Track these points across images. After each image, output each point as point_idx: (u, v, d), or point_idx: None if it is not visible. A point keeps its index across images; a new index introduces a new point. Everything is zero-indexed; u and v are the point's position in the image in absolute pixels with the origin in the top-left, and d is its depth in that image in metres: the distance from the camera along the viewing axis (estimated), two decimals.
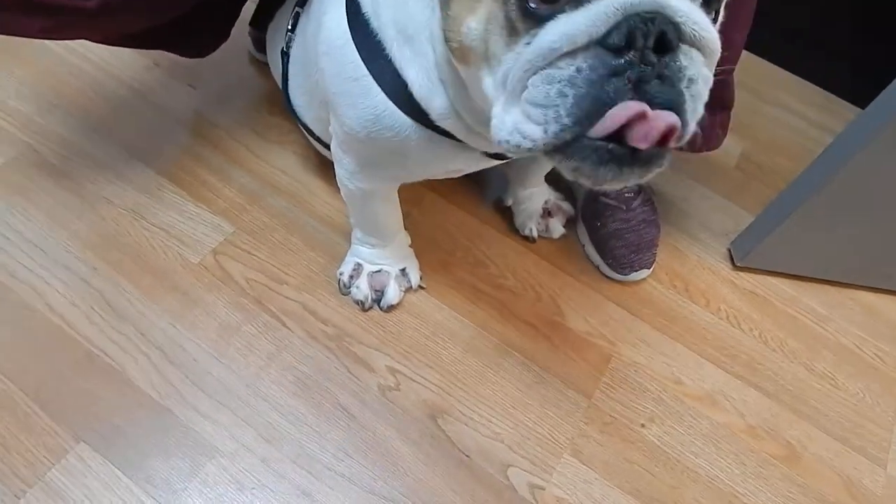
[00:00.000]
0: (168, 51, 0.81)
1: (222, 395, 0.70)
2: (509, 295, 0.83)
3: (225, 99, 0.96)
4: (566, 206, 0.90)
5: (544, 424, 0.73)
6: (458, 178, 0.92)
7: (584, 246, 0.88)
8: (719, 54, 0.39)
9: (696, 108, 0.38)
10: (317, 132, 0.75)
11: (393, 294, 0.78)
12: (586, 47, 0.36)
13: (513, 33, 0.38)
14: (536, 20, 0.37)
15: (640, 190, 0.86)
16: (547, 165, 0.82)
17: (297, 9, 0.69)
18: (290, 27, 0.70)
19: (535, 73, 0.37)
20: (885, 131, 0.70)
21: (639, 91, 0.35)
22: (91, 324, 0.73)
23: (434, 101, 0.50)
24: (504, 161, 0.60)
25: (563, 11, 0.36)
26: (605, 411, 0.75)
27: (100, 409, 0.68)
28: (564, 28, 0.36)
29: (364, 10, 0.50)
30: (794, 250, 0.88)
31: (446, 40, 0.43)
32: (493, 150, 0.54)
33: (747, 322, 0.86)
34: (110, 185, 0.84)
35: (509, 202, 0.88)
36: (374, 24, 0.50)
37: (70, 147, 0.87)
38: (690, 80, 0.37)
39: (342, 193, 0.71)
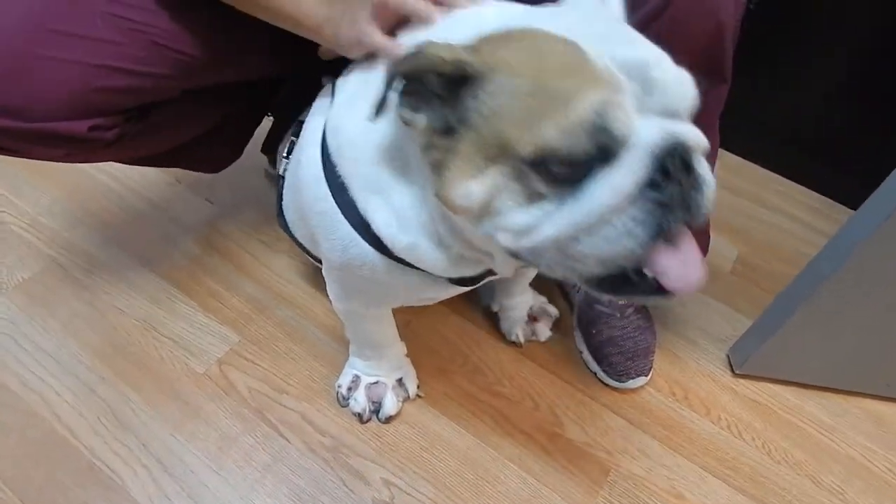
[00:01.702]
0: (184, 168, 0.88)
1: None
2: (507, 403, 0.84)
3: (238, 212, 1.02)
4: (551, 309, 0.92)
5: None
6: None
7: (581, 353, 0.89)
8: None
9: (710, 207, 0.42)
10: (308, 248, 0.79)
11: (390, 405, 0.79)
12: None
13: (534, 199, 0.41)
14: (566, 184, 0.39)
15: None
16: (531, 276, 0.85)
17: (292, 137, 0.75)
18: (285, 153, 0.76)
19: (583, 231, 0.40)
20: (879, 232, 0.71)
21: (683, 208, 0.40)
22: (95, 434, 0.75)
23: (399, 239, 0.53)
24: (472, 287, 0.63)
25: (594, 169, 0.39)
26: None
27: None
28: (612, 184, 0.38)
29: (331, 154, 0.55)
30: (794, 356, 0.88)
31: (437, 195, 0.46)
32: (466, 275, 0.57)
33: (749, 431, 0.85)
34: (124, 296, 0.88)
35: (496, 308, 0.91)
36: (339, 167, 0.54)
37: (91, 260, 0.92)
38: (707, 183, 0.41)
39: (337, 313, 0.74)
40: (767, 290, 1.03)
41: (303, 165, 0.59)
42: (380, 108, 0.45)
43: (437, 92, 0.43)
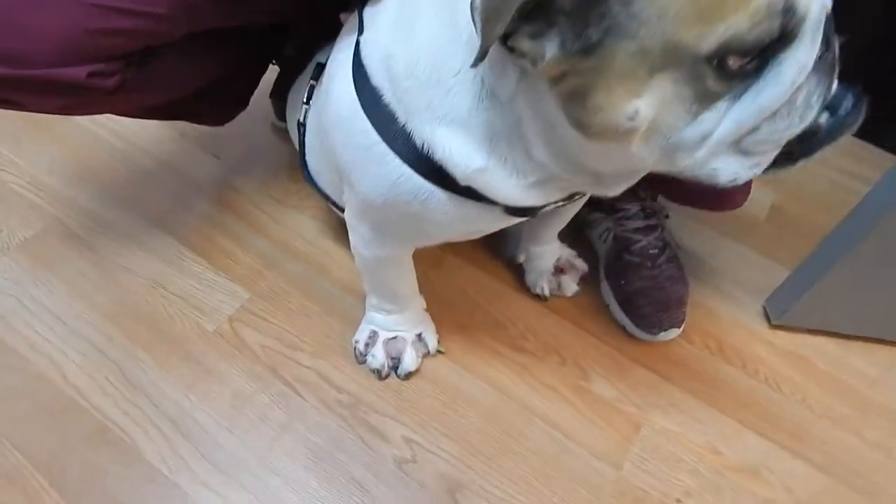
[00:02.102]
0: (188, 121, 0.84)
1: (233, 470, 0.68)
2: (531, 358, 0.80)
3: (247, 167, 0.98)
4: (580, 263, 0.87)
5: (571, 499, 0.68)
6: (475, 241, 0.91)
7: (608, 305, 0.85)
8: None
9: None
10: (333, 197, 0.75)
11: (410, 361, 0.76)
12: None
13: (707, 101, 0.38)
14: (740, 76, 0.37)
15: (664, 246, 0.83)
16: (562, 223, 0.80)
17: (311, 81, 0.71)
18: (305, 99, 0.71)
19: (766, 119, 0.39)
20: None
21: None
22: (105, 395, 0.72)
23: (468, 167, 0.48)
24: (525, 218, 0.58)
25: (773, 54, 0.37)
26: (637, 485, 0.70)
27: (109, 485, 0.66)
28: (798, 62, 0.37)
29: (375, 83, 0.50)
30: (835, 307, 0.83)
31: (574, 126, 0.42)
32: (532, 205, 0.53)
33: (788, 385, 0.81)
34: (131, 255, 0.85)
35: (521, 259, 0.86)
36: (385, 96, 0.50)
37: (95, 219, 0.89)
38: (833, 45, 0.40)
39: (356, 262, 0.70)
40: (805, 238, 0.97)
41: (332, 103, 0.55)
42: (484, 53, 0.38)
43: (566, 8, 0.37)
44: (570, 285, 0.86)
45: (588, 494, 0.69)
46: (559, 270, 0.86)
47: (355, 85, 0.52)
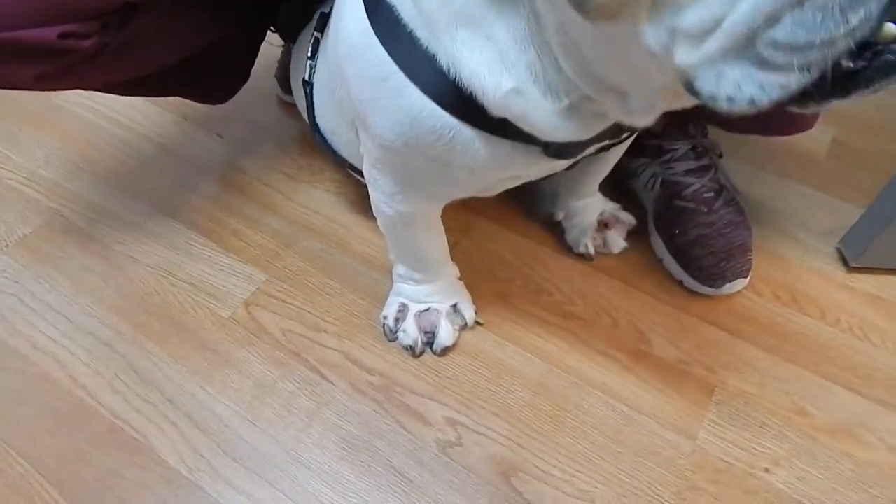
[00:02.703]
0: (185, 97, 0.77)
1: (258, 465, 0.61)
2: (580, 323, 0.71)
3: (253, 145, 0.91)
4: (625, 216, 0.78)
5: (642, 476, 0.60)
6: (505, 197, 0.83)
7: (661, 260, 0.76)
8: None
9: None
10: (350, 159, 0.67)
11: (446, 334, 0.68)
12: None
13: None
14: None
15: (720, 188, 0.73)
16: (603, 172, 0.72)
17: (315, 34, 0.63)
18: (309, 54, 0.64)
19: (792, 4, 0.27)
20: None
21: None
22: (115, 393, 0.66)
23: (499, 85, 0.40)
24: (566, 162, 0.50)
25: None
26: (717, 455, 0.61)
27: (123, 490, 0.59)
28: None
29: (394, 6, 0.43)
30: None
31: (574, 6, 0.34)
32: (574, 140, 0.44)
33: (876, 333, 0.71)
34: (137, 244, 0.79)
35: (560, 216, 0.78)
36: (404, 13, 0.42)
37: (97, 209, 0.83)
38: None
39: (380, 223, 0.63)
40: (872, 172, 0.87)
41: (342, 32, 0.47)
42: None
43: None
44: (617, 241, 0.77)
45: (661, 470, 0.60)
46: (603, 226, 0.77)
47: (366, 7, 0.45)
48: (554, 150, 0.45)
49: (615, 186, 0.79)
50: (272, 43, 1.00)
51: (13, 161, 0.89)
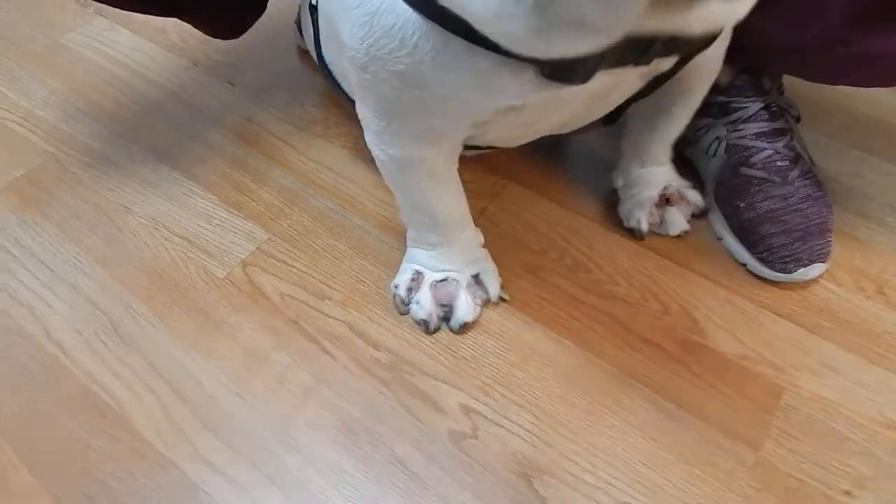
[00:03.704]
0: (192, 23, 0.69)
1: (243, 445, 0.53)
2: (623, 306, 0.61)
3: (266, 95, 0.83)
4: (694, 195, 0.67)
5: (692, 490, 0.50)
6: (544, 159, 0.73)
7: (720, 238, 0.65)
8: None
9: None
10: (351, 94, 0.59)
11: (465, 309, 0.59)
12: None
13: None
14: None
15: (796, 157, 0.62)
16: (671, 130, 0.61)
17: None
18: None
19: None
20: None
21: None
22: (92, 352, 0.58)
23: None
24: (583, 96, 0.40)
25: None
26: (786, 471, 0.51)
27: (90, 462, 0.52)
28: None
29: None
30: None
31: None
32: (561, 55, 0.34)
33: None
34: (132, 193, 0.71)
35: (618, 184, 0.67)
36: None
37: (93, 154, 0.76)
38: None
39: (381, 172, 0.54)
40: None
41: None
42: None
43: None
44: (678, 220, 0.65)
45: (716, 484, 0.50)
46: (665, 201, 0.66)
47: None
48: (549, 68, 0.35)
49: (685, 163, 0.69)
50: None
51: (10, 100, 0.82)
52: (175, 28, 0.91)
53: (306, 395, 0.56)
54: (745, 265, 0.63)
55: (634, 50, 0.36)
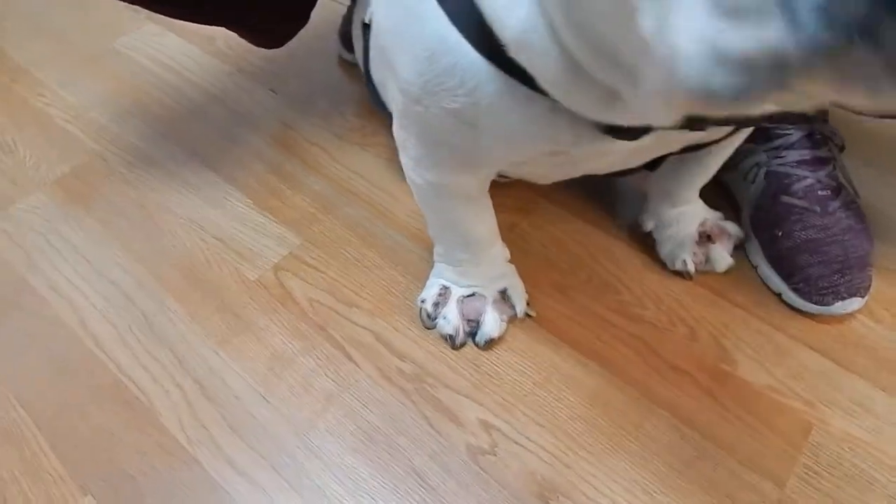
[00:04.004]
0: (238, 31, 0.71)
1: (265, 446, 0.54)
2: (651, 330, 0.61)
3: (307, 103, 0.85)
4: (731, 227, 0.65)
5: None
6: (576, 184, 0.73)
7: (756, 266, 0.64)
8: None
9: None
10: (391, 109, 0.60)
11: (492, 325, 0.59)
12: None
13: None
14: None
15: (838, 187, 0.61)
16: (703, 175, 0.60)
17: None
18: None
19: None
20: None
21: None
22: (125, 347, 0.60)
23: (513, 12, 0.31)
24: (629, 151, 0.39)
25: None
26: None
27: (116, 453, 0.54)
28: None
29: None
30: None
31: None
32: (614, 121, 0.34)
33: None
34: (173, 194, 0.74)
35: (649, 227, 0.66)
36: None
37: (138, 155, 0.78)
38: None
39: (414, 194, 0.54)
40: None
41: None
42: None
43: None
44: (723, 257, 0.63)
45: None
46: (706, 238, 0.64)
47: None
48: (606, 126, 0.35)
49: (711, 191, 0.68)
50: (338, 0, 0.94)
51: (65, 100, 0.86)
52: (222, 36, 0.94)
53: (329, 400, 0.56)
54: (779, 295, 0.62)
55: (692, 120, 0.36)
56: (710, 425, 0.54)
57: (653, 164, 0.56)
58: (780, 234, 0.61)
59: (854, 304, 0.58)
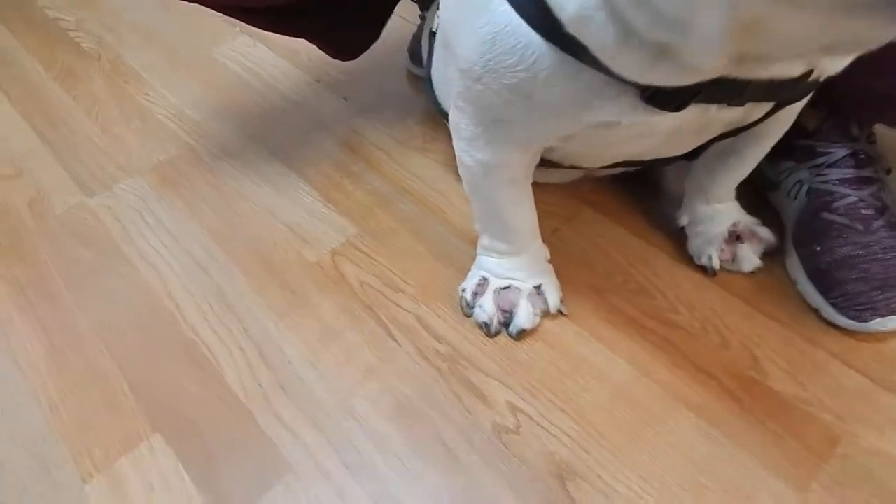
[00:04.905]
0: (315, 43, 0.79)
1: (309, 406, 0.59)
2: (683, 335, 0.62)
3: (374, 110, 0.92)
4: (765, 232, 0.67)
5: None
6: (622, 190, 0.76)
7: (796, 282, 0.64)
8: None
9: None
10: (447, 109, 0.65)
11: (525, 316, 0.62)
12: None
13: None
14: None
15: (882, 208, 0.61)
16: (739, 171, 0.62)
17: None
18: (438, 6, 0.63)
19: None
20: None
21: None
22: (199, 312, 0.68)
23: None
24: (667, 113, 0.43)
25: None
26: None
27: (184, 401, 0.61)
28: None
29: None
30: None
31: None
32: (660, 81, 0.38)
33: None
34: (250, 184, 0.82)
35: (683, 222, 0.68)
36: None
37: (224, 149, 0.88)
38: None
39: (463, 181, 0.59)
40: None
41: None
42: None
43: None
44: (750, 257, 0.66)
45: None
46: (735, 238, 0.66)
47: None
48: (650, 93, 0.39)
49: (755, 202, 0.69)
50: (407, 19, 1.02)
51: (167, 99, 0.97)
52: (305, 49, 1.04)
53: (370, 372, 0.61)
54: (818, 311, 0.62)
55: (730, 89, 0.39)
56: (734, 428, 0.55)
57: (692, 155, 0.58)
58: (819, 248, 0.61)
59: (893, 322, 0.58)
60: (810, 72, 0.40)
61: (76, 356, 0.65)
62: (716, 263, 0.66)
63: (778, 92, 0.42)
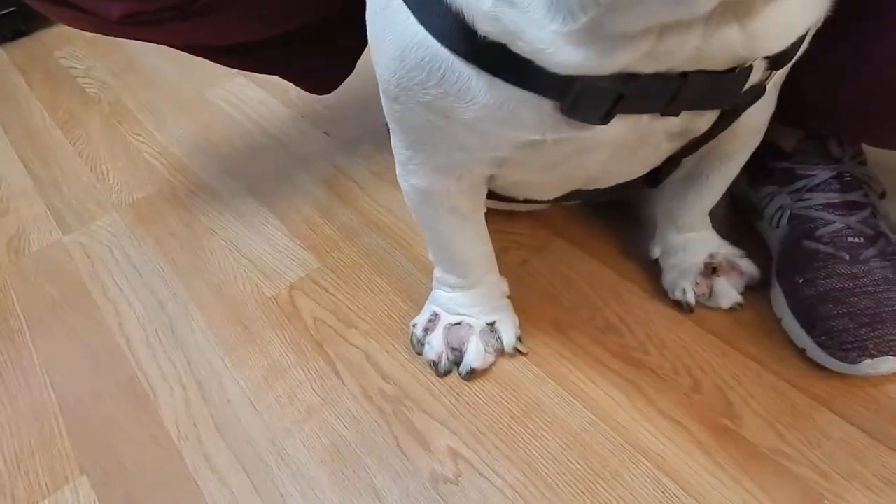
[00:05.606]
0: (286, 77, 0.79)
1: (242, 449, 0.56)
2: (649, 377, 0.56)
3: (355, 146, 0.91)
4: (746, 264, 0.61)
5: None
6: (597, 222, 0.72)
7: (780, 319, 0.58)
8: None
9: None
10: None
11: (474, 354, 0.58)
12: None
13: None
14: None
15: (876, 236, 0.55)
16: (706, 197, 0.57)
17: None
18: None
19: None
20: None
21: None
22: (148, 347, 0.66)
23: None
24: (594, 127, 0.39)
25: None
26: None
27: (116, 440, 0.58)
28: None
29: None
30: None
31: None
32: (583, 69, 0.34)
33: None
34: (220, 218, 0.82)
35: (656, 254, 0.63)
36: None
37: (200, 184, 0.88)
38: None
39: (408, 207, 0.56)
40: None
41: None
42: None
43: None
44: (728, 292, 0.60)
45: None
46: (711, 271, 0.61)
47: None
48: (570, 102, 0.35)
49: (746, 231, 0.64)
50: None
51: (154, 138, 0.99)
52: (294, 87, 1.05)
53: (309, 413, 0.58)
54: (804, 351, 0.55)
55: (660, 92, 0.36)
56: (697, 483, 0.49)
57: (653, 181, 0.54)
58: (801, 281, 0.55)
59: (885, 364, 0.50)
60: (744, 73, 0.36)
61: (22, 393, 0.64)
62: (690, 298, 0.60)
63: (712, 96, 0.38)
